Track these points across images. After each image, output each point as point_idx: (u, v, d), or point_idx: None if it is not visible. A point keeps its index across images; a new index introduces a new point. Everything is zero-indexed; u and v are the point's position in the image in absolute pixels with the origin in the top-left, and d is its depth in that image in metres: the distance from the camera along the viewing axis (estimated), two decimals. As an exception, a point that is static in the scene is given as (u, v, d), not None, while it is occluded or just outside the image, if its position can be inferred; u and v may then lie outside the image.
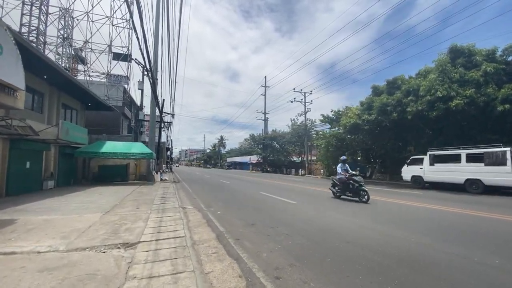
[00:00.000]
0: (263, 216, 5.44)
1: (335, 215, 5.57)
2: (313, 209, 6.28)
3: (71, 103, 13.64)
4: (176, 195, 9.28)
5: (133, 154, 13.70)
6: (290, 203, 7.24)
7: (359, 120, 14.65)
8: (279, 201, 7.72)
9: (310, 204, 7.27)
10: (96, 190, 10.56)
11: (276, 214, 5.70)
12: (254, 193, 9.76)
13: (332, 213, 5.82)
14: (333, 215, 5.51)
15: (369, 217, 5.40)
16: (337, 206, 6.85)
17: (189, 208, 6.55)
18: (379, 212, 6.02)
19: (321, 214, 5.64)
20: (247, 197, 8.66)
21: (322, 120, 22.16)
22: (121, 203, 7.35)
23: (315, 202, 7.60)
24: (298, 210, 6.14)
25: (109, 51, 21.68)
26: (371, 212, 6.02)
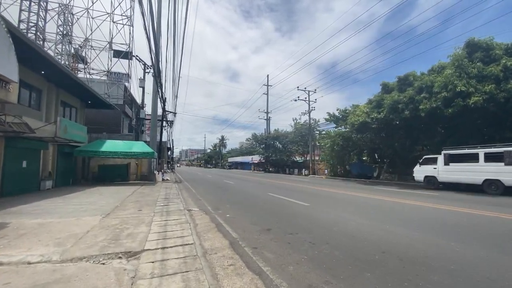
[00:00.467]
0: (278, 220, 5.00)
1: (357, 219, 5.11)
2: (330, 212, 5.83)
3: (70, 100, 13.24)
4: (180, 196, 8.86)
5: (134, 153, 13.30)
6: (303, 205, 6.79)
7: (368, 119, 14.17)
8: (291, 203, 7.27)
9: (325, 206, 6.81)
10: (96, 191, 10.16)
11: (291, 217, 5.25)
12: (261, 194, 9.31)
13: (352, 216, 5.37)
14: (355, 219, 5.06)
15: (396, 221, 4.95)
16: (355, 209, 6.39)
17: (195, 210, 6.12)
18: (406, 216, 5.55)
19: (341, 218, 5.19)
20: (255, 198, 8.22)
21: (327, 119, 21.68)
22: (122, 204, 6.93)
23: (329, 204, 7.14)
24: (314, 214, 5.69)
25: (110, 49, 21.32)
26: (396, 216, 5.57)
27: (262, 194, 9.17)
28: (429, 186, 11.93)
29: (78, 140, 10.41)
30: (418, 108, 11.66)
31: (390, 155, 16.09)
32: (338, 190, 11.06)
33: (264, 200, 7.88)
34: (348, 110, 18.03)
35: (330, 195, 9.31)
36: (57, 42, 19.14)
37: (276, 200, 7.73)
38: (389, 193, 10.23)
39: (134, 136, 19.08)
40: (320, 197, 8.68)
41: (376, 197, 8.69)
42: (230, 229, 4.26)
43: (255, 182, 16.58)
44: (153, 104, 17.32)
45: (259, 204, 7.06)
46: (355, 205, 7.03)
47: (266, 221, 4.89)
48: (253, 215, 5.53)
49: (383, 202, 7.69)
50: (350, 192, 10.43)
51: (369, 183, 16.13)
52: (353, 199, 8.39)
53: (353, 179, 19.56)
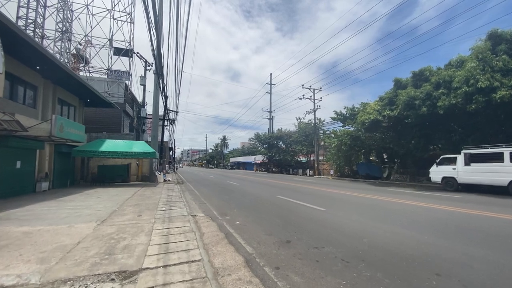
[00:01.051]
0: (295, 228, 4.41)
1: (385, 227, 4.50)
2: (352, 219, 5.22)
3: (68, 98, 12.78)
4: (183, 198, 8.31)
5: (135, 153, 12.79)
6: (318, 210, 6.19)
7: (380, 116, 13.49)
8: (304, 207, 6.67)
9: (342, 211, 6.21)
10: (94, 193, 9.67)
11: (309, 225, 4.66)
12: (269, 196, 8.72)
13: (379, 224, 4.76)
14: (384, 228, 4.44)
15: (431, 230, 4.33)
16: (378, 215, 5.78)
17: (200, 216, 5.55)
18: (441, 223, 4.91)
19: (368, 227, 4.58)
20: (264, 202, 7.63)
21: (334, 117, 20.97)
22: (120, 208, 6.40)
23: (346, 209, 6.54)
24: (334, 220, 5.09)
25: (110, 46, 20.88)
26: (428, 223, 4.94)
27: (271, 197, 8.58)
28: (447, 187, 11.25)
29: (76, 139, 9.91)
30: (435, 104, 10.98)
31: (401, 155, 15.39)
32: (350, 192, 10.44)
33: (274, 203, 7.29)
34: (357, 108, 17.36)
35: (345, 198, 8.69)
36: (56, 39, 18.74)
37: (287, 204, 7.13)
38: (406, 195, 9.58)
39: (135, 136, 18.61)
40: (334, 200, 8.07)
41: (396, 200, 8.06)
42: (243, 241, 3.69)
43: (260, 183, 16.00)
44: (154, 102, 16.84)
45: (270, 208, 6.47)
46: (376, 210, 6.41)
47: (283, 230, 4.30)
48: (265, 222, 4.95)
49: (406, 206, 7.06)
50: (365, 194, 9.80)
51: (380, 184, 15.46)
52: (371, 202, 7.77)
53: (361, 180, 18.89)
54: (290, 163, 35.86)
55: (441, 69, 12.57)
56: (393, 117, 13.13)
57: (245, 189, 11.79)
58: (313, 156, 39.45)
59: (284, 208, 6.45)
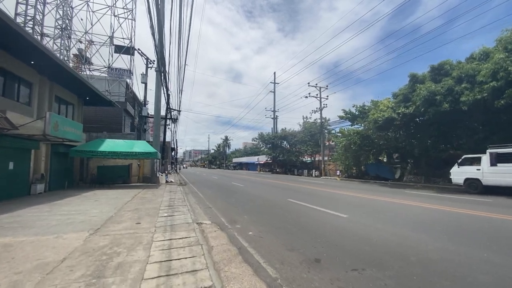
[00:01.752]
0: (320, 241, 3.76)
1: (431, 241, 3.76)
2: (383, 229, 4.52)
3: (66, 96, 12.29)
4: (186, 202, 7.70)
5: (136, 153, 12.25)
6: (340, 217, 5.51)
7: (394, 114, 12.73)
8: (322, 213, 5.99)
9: (367, 218, 5.52)
10: (92, 196, 9.13)
11: (335, 237, 4.01)
12: (280, 200, 8.06)
13: (421, 236, 4.04)
14: (429, 242, 3.69)
15: (492, 245, 3.62)
16: (413, 224, 5.09)
17: (206, 223, 4.92)
18: (499, 235, 4.19)
19: (408, 240, 3.86)
20: (276, 206, 6.96)
21: (342, 116, 20.24)
22: (117, 214, 5.81)
23: (371, 215, 5.85)
24: (363, 231, 4.42)
25: (111, 43, 20.46)
26: (480, 235, 4.23)
27: (282, 201, 7.92)
28: (471, 190, 10.46)
29: (72, 138, 9.39)
30: (458, 100, 10.20)
31: (415, 155, 14.60)
32: (366, 195, 9.73)
33: (288, 209, 6.62)
34: (367, 107, 16.61)
35: (364, 202, 7.99)
36: (55, 36, 18.35)
37: (303, 210, 6.45)
38: (429, 198, 8.85)
39: (136, 136, 18.12)
40: (353, 205, 7.38)
41: (421, 205, 7.34)
42: (261, 259, 3.04)
43: (266, 184, 15.35)
44: (156, 100, 16.32)
45: (285, 215, 5.80)
46: (403, 216, 5.72)
47: (306, 243, 3.65)
48: (283, 232, 4.30)
49: (436, 212, 6.34)
50: (382, 197, 9.09)
51: (393, 185, 14.68)
52: (393, 206, 7.08)
53: (372, 181, 18.11)
54: (295, 164, 35.14)
55: (462, 62, 11.79)
56: (408, 114, 12.37)
57: (252, 191, 11.15)
58: (318, 156, 38.72)
59: (301, 215, 5.78)
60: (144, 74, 17.11)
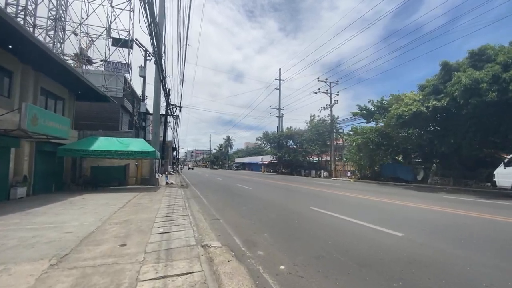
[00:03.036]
0: (395, 285, 2.46)
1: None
2: (476, 259, 3.21)
3: (55, 89, 11.17)
4: (188, 210, 6.47)
5: (132, 152, 11.07)
6: (394, 236, 4.19)
7: (423, 107, 11.34)
8: (366, 229, 4.65)
9: (431, 236, 4.20)
10: (80, 201, 7.97)
11: (415, 277, 2.70)
12: (302, 209, 6.73)
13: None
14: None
15: None
16: (495, 243, 3.78)
17: (215, 246, 3.66)
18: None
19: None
20: (301, 219, 5.58)
21: (355, 113, 18.86)
22: (101, 228, 4.60)
23: (431, 232, 4.51)
24: (450, 262, 3.08)
25: (108, 36, 19.35)
26: None
27: (303, 209, 6.61)
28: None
29: (57, 135, 8.23)
30: (507, 89, 8.80)
31: (444, 154, 13.15)
32: (401, 201, 8.40)
33: (318, 222, 5.29)
34: (387, 101, 15.22)
35: (408, 212, 6.67)
36: (48, 28, 17.30)
37: (338, 224, 5.10)
38: (482, 206, 7.49)
39: (134, 134, 16.99)
40: (398, 216, 6.04)
41: (486, 216, 5.99)
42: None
43: (276, 187, 14.07)
44: (155, 95, 15.17)
45: (317, 233, 4.43)
46: (484, 235, 4.34)
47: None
48: (330, 265, 2.97)
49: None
50: (424, 204, 7.75)
51: (419, 188, 13.27)
52: (456, 219, 5.63)
53: (391, 183, 16.71)
54: (302, 164, 33.76)
55: (506, 47, 10.36)
56: (439, 107, 10.97)
57: (263, 195, 9.88)
58: (325, 156, 37.30)
59: (339, 233, 4.44)
60: (142, 67, 15.96)
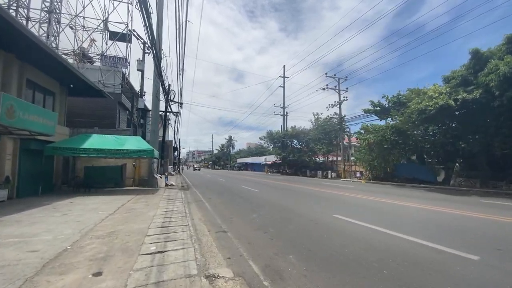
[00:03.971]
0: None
1: None
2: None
3: (44, 82, 10.29)
4: (188, 218, 5.48)
5: (127, 151, 10.14)
6: (469, 261, 3.15)
7: (451, 101, 10.20)
8: (424, 249, 3.58)
9: (504, 260, 3.15)
10: (66, 206, 7.05)
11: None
12: (325, 217, 5.62)
13: None
14: None
15: None
16: None
17: (225, 278, 2.64)
18: None
19: None
20: (329, 231, 4.43)
21: (367, 110, 17.75)
22: (76, 245, 3.63)
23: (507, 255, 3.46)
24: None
25: (105, 29, 18.50)
26: None
27: (327, 218, 5.55)
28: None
29: (39, 130, 7.31)
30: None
31: (470, 153, 11.99)
32: (438, 207, 7.34)
33: (351, 236, 4.21)
34: (404, 96, 14.09)
35: (448, 220, 5.60)
36: (41, 20, 16.49)
37: (383, 240, 3.96)
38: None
39: (132, 132, 16.10)
40: (453, 230, 4.95)
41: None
42: None
43: (286, 189, 13.05)
44: (154, 90, 14.25)
45: (360, 254, 3.34)
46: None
47: None
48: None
49: None
50: (470, 211, 6.65)
51: (445, 191, 12.09)
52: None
53: (408, 185, 15.58)
54: (307, 164, 32.65)
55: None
56: (469, 100, 9.85)
57: (272, 199, 8.86)
58: (331, 156, 36.12)
59: (389, 255, 3.32)
60: (140, 60, 15.05)
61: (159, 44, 12.09)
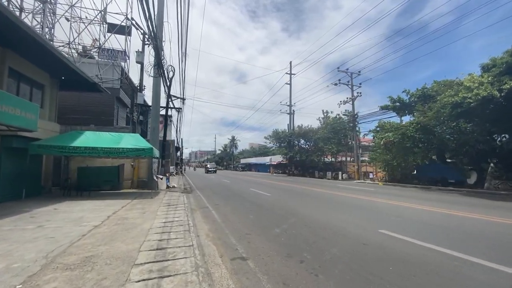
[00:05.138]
0: None
1: None
2: None
3: (31, 72, 9.30)
4: (192, 235, 4.33)
5: (123, 150, 9.05)
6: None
7: (495, 91, 8.83)
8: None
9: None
10: (46, 214, 5.99)
11: None
12: (370, 234, 4.33)
13: None
14: None
15: None
16: None
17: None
18: None
19: None
20: (391, 259, 3.15)
21: (385, 106, 16.40)
22: (30, 284, 2.46)
23: None
24: None
25: (102, 21, 17.54)
26: None
27: (375, 235, 4.25)
28: None
29: (17, 124, 6.26)
30: None
31: (508, 152, 10.63)
32: (501, 218, 6.02)
33: (428, 269, 3.00)
34: (430, 89, 12.72)
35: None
36: (35, 11, 15.60)
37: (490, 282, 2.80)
38: None
39: (131, 130, 15.05)
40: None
41: None
42: None
43: (300, 193, 11.83)
44: (154, 84, 13.19)
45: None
46: None
47: None
48: None
49: None
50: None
51: (483, 195, 10.69)
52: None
53: (434, 187, 14.18)
54: (316, 165, 31.30)
55: None
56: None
57: (291, 206, 7.64)
58: (340, 156, 34.69)
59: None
60: (140, 51, 14.01)
61: (160, 31, 11.02)
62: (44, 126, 9.67)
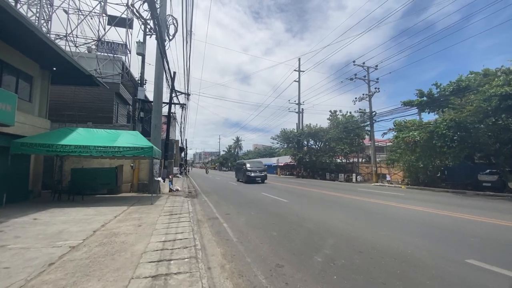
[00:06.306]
0: None
1: None
2: None
3: (17, 62, 8.31)
4: (200, 264, 3.10)
5: (119, 149, 7.92)
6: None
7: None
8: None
9: None
10: (20, 226, 4.92)
11: None
12: (459, 269, 3.09)
13: None
14: None
15: None
16: None
17: None
18: None
19: None
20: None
21: (410, 101, 14.90)
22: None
23: None
24: None
25: (102, 13, 16.63)
26: None
27: (467, 270, 2.95)
28: None
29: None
30: None
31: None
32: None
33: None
34: (467, 79, 11.23)
35: None
36: (31, 2, 14.77)
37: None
38: None
39: (131, 128, 14.02)
40: None
41: None
42: None
43: (319, 198, 10.54)
44: (156, 78, 12.14)
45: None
46: None
47: None
48: None
49: None
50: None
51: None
52: None
53: (469, 192, 12.64)
54: (328, 166, 29.78)
55: None
56: None
57: (319, 217, 6.35)
58: (352, 157, 33.07)
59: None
60: (141, 42, 12.95)
61: (164, 14, 9.92)
62: (32, 122, 8.67)
